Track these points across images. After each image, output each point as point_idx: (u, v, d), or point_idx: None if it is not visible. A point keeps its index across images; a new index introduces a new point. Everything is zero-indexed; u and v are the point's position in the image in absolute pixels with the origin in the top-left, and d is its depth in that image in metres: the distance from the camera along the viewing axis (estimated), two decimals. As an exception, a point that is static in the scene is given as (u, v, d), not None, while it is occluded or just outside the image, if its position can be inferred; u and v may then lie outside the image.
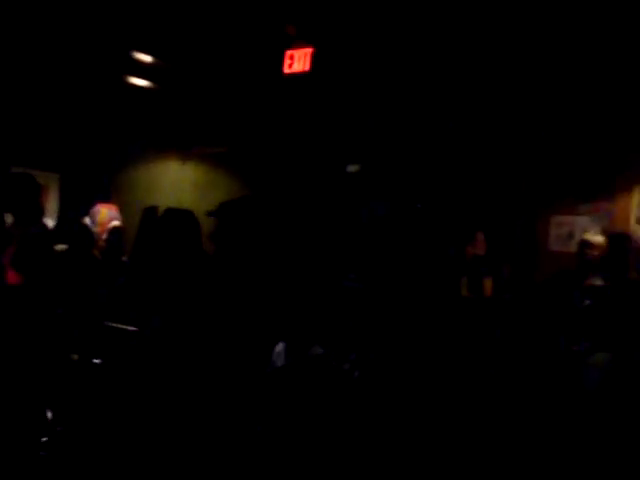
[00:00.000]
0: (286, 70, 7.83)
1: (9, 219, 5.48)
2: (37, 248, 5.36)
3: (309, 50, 7.62)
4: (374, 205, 8.61)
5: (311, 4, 7.25)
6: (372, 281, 5.52)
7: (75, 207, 7.93)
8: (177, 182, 10.53)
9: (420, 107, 8.19)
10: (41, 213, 5.70)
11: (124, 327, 4.80)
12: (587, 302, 6.38)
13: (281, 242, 5.78)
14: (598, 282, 6.48)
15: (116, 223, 6.65)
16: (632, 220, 7.84)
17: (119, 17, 7.75)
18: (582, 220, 8.09)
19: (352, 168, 8.84)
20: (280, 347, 4.36)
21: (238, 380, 4.34)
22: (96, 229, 6.50)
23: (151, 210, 7.61)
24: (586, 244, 6.68)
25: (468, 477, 4.99)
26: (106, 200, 7.34)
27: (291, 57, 7.78)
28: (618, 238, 6.89)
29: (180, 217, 5.21)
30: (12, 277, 5.13)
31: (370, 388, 4.26)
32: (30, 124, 9.45)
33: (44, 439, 4.65)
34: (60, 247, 5.96)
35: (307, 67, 7.62)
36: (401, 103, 8.22)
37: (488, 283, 7.44)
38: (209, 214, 5.07)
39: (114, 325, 4.88)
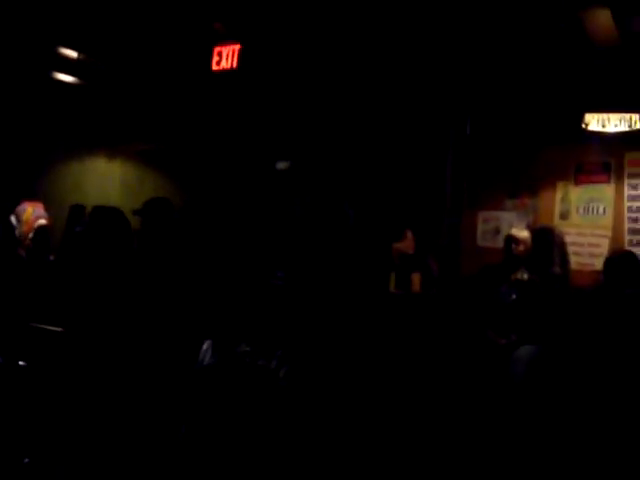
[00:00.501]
0: (214, 67, 7.78)
1: None
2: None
3: (237, 47, 7.59)
4: (305, 202, 8.64)
5: (239, 1, 7.23)
6: (298, 278, 5.53)
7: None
8: (105, 180, 10.43)
9: (347, 104, 8.23)
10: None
11: (50, 328, 4.73)
12: (513, 296, 6.50)
13: (207, 240, 5.77)
14: (524, 276, 6.61)
15: (42, 222, 6.53)
16: (556, 215, 8.04)
17: (44, 12, 7.62)
18: (508, 216, 8.25)
19: (281, 165, 8.86)
20: (207, 345, 4.35)
21: (164, 378, 4.32)
22: (22, 228, 6.37)
23: (78, 208, 7.53)
24: (512, 239, 6.81)
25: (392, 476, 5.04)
26: (31, 198, 7.20)
27: (219, 54, 7.74)
28: (542, 233, 7.04)
29: (108, 215, 5.16)
30: None
31: (296, 386, 4.27)
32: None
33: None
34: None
35: (234, 64, 7.59)
36: (329, 100, 8.25)
37: (416, 278, 7.52)
38: (135, 212, 5.04)
39: (40, 326, 4.80)
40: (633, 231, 7.62)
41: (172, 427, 4.17)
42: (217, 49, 7.76)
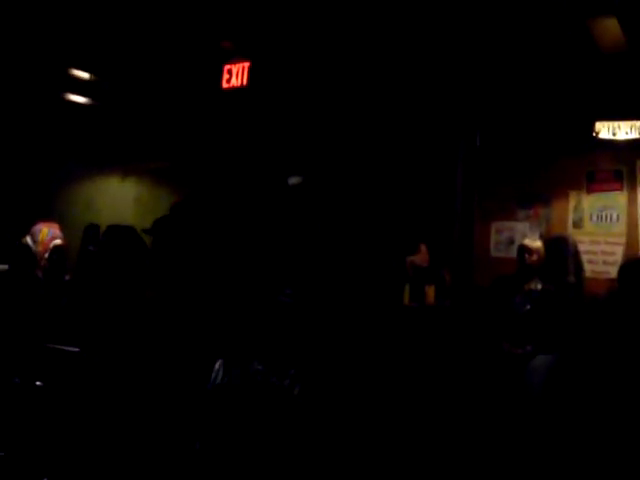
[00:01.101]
0: (224, 85, 7.82)
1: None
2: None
3: (246, 64, 7.63)
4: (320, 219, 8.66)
5: (248, 18, 7.27)
6: (307, 295, 5.54)
7: (15, 226, 7.82)
8: (119, 199, 10.48)
9: (357, 118, 8.25)
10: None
11: (66, 348, 4.75)
12: (527, 306, 6.49)
13: (217, 257, 5.79)
14: (538, 286, 6.60)
15: (58, 242, 6.57)
16: (569, 224, 8.02)
17: (55, 34, 7.69)
18: (521, 226, 8.24)
19: (293, 181, 8.88)
20: (218, 364, 4.37)
21: (178, 397, 4.34)
22: (37, 248, 6.40)
23: (92, 227, 7.57)
24: (525, 249, 6.80)
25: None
26: (47, 218, 7.24)
27: (229, 72, 7.78)
28: (556, 242, 7.03)
29: (122, 234, 5.19)
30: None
31: (310, 403, 4.28)
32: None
33: None
34: (0, 267, 5.89)
35: (244, 82, 7.63)
36: (339, 115, 8.28)
37: (430, 291, 7.53)
38: (145, 231, 5.08)
39: (56, 346, 4.83)
40: (647, 238, 7.60)
41: (186, 445, 4.19)
42: (227, 67, 7.81)
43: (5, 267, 5.87)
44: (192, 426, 4.23)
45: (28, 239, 6.52)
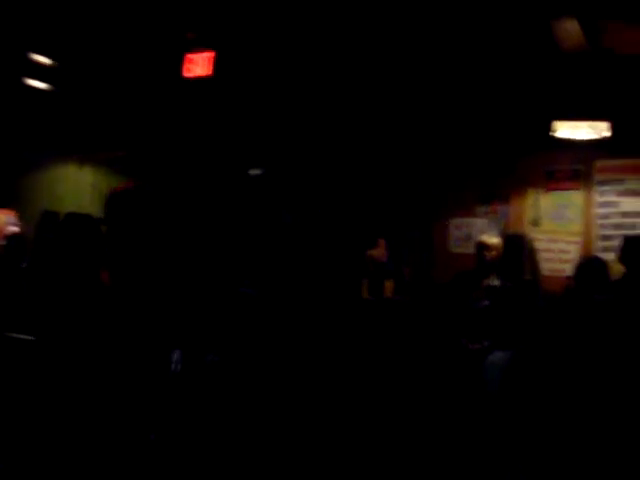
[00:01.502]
0: (185, 74, 7.77)
1: None
2: None
3: (210, 54, 7.58)
4: (283, 213, 8.66)
5: (211, 9, 7.22)
6: (268, 287, 5.54)
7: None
8: (77, 186, 10.38)
9: (322, 113, 8.26)
10: None
11: (22, 336, 4.71)
12: (485, 302, 6.54)
13: (175, 248, 5.76)
14: (495, 282, 6.66)
15: (14, 229, 6.49)
16: (527, 222, 8.11)
17: (15, 18, 7.59)
18: (480, 222, 8.31)
19: (254, 172, 8.86)
20: (176, 354, 4.36)
21: (134, 386, 4.32)
22: (-10, 235, 6.32)
23: (50, 215, 7.49)
24: (483, 246, 6.83)
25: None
26: (3, 206, 7.15)
27: (191, 61, 7.73)
28: (513, 240, 7.10)
29: (80, 222, 5.15)
30: None
31: (263, 394, 4.29)
32: None
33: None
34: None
35: (208, 71, 7.58)
36: (303, 106, 8.27)
37: (389, 285, 7.57)
38: (100, 221, 5.04)
39: (12, 335, 4.78)
40: (603, 237, 7.70)
41: (142, 434, 4.18)
42: (188, 56, 7.76)
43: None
44: (148, 416, 4.22)
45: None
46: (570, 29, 6.29)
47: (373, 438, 5.47)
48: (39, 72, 8.79)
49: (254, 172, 8.90)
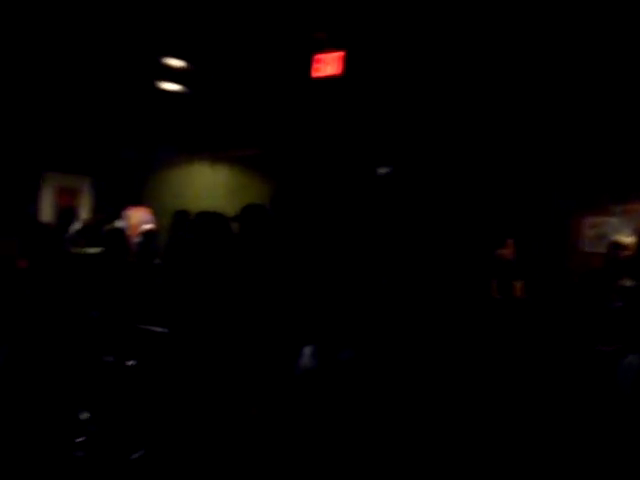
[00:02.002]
0: (314, 74, 7.84)
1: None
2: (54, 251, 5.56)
3: (340, 54, 7.62)
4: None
5: (342, 9, 7.25)
6: (404, 284, 5.52)
7: (107, 210, 8.00)
8: (209, 185, 10.60)
9: (452, 112, 8.18)
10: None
11: (156, 329, 4.85)
12: (618, 303, 6.34)
13: (309, 245, 5.80)
14: (629, 283, 6.44)
15: (149, 226, 6.71)
16: (665, 221, 7.81)
17: (148, 23, 7.81)
18: (614, 221, 8.06)
19: (383, 170, 8.85)
20: (309, 350, 4.38)
21: (264, 381, 4.37)
22: (128, 232, 6.55)
23: (182, 213, 7.68)
24: (617, 245, 6.63)
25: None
26: (138, 203, 7.39)
27: (320, 61, 7.79)
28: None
29: (211, 220, 5.25)
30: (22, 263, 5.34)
31: (399, 391, 4.27)
32: (63, 129, 9.56)
33: (79, 439, 4.69)
34: (93, 250, 6.03)
35: (338, 70, 7.62)
36: (432, 108, 8.22)
37: (518, 285, 7.45)
38: (232, 219, 5.12)
39: (147, 327, 4.93)
40: None
41: (270, 429, 4.22)
42: (317, 56, 7.82)
43: (98, 250, 6.00)
44: (279, 410, 4.26)
45: (120, 223, 6.69)
46: None
47: (503, 437, 5.39)
48: (172, 75, 9.04)
49: (383, 170, 8.89)
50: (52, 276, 5.26)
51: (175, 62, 8.68)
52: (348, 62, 7.58)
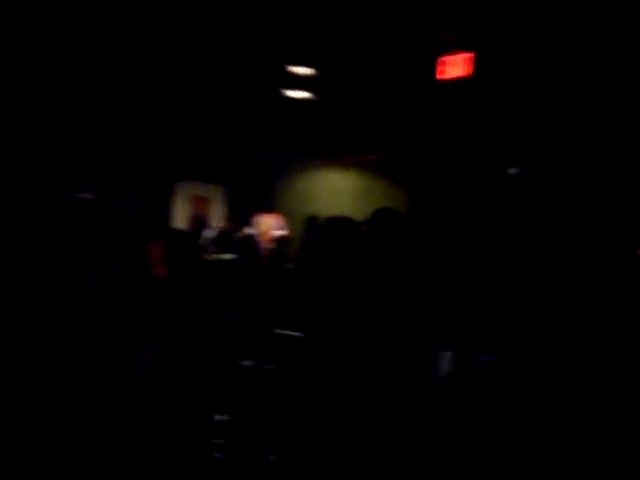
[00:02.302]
0: (439, 76, 7.78)
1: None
2: (191, 258, 5.71)
3: (468, 55, 7.54)
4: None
5: (469, 11, 7.18)
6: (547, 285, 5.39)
7: (239, 218, 8.17)
8: (338, 190, 10.67)
9: (589, 109, 7.97)
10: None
11: (293, 334, 4.92)
12: None
13: (444, 248, 5.75)
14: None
15: (280, 232, 6.83)
16: None
17: (273, 32, 7.94)
18: None
19: (513, 171, 8.69)
20: (447, 355, 4.35)
21: (402, 386, 4.37)
22: (259, 239, 6.68)
23: (312, 219, 7.79)
24: None
25: None
26: (269, 210, 7.54)
27: (445, 63, 7.73)
28: None
29: (342, 224, 5.29)
30: (160, 270, 5.51)
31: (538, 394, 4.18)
32: (194, 139, 9.84)
33: (218, 441, 4.81)
34: (227, 256, 6.19)
35: (468, 72, 7.54)
36: (564, 107, 8.03)
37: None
38: (363, 223, 5.14)
39: (283, 332, 5.01)
40: None
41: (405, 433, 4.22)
42: (442, 58, 7.76)
43: (232, 256, 6.15)
44: (416, 416, 4.25)
45: (252, 230, 6.84)
46: None
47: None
48: (299, 82, 9.16)
49: (513, 171, 8.73)
50: (191, 282, 5.42)
51: (302, 70, 8.79)
52: (478, 63, 7.50)
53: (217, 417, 4.87)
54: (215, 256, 6.29)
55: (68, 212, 6.19)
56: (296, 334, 4.89)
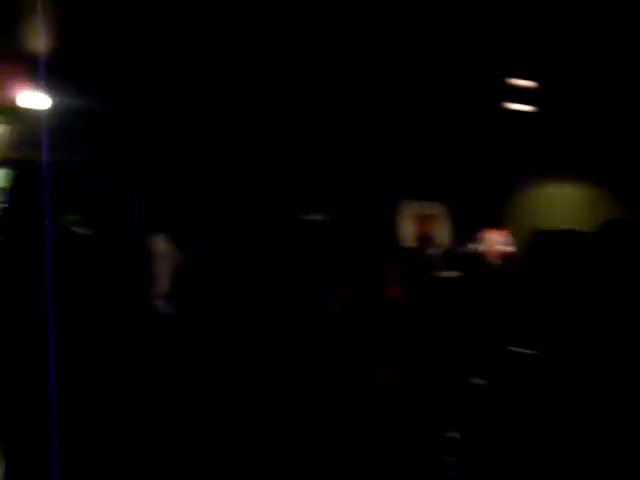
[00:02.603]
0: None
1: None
2: (424, 277, 5.72)
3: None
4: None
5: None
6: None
7: (464, 234, 8.14)
8: (564, 204, 10.39)
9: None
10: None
11: (525, 351, 4.85)
12: None
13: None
14: None
15: (506, 248, 6.73)
16: None
17: (492, 46, 7.88)
18: None
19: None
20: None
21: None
22: (487, 255, 6.62)
23: (540, 234, 7.63)
24: None
25: None
26: (494, 226, 7.45)
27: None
28: None
29: (570, 238, 5.18)
30: (394, 291, 5.55)
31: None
32: (418, 157, 9.92)
33: (450, 459, 4.80)
34: (451, 273, 6.18)
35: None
36: None
37: None
38: (595, 235, 4.99)
39: (516, 349, 4.94)
40: None
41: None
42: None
43: (456, 274, 6.14)
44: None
45: (477, 246, 6.79)
46: None
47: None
48: (519, 95, 9.04)
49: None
50: (426, 301, 5.47)
51: (520, 82, 8.67)
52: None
53: (449, 434, 4.86)
54: (445, 274, 6.30)
55: (299, 233, 6.42)
56: (529, 352, 4.81)
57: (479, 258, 6.36)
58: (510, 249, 6.70)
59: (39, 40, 6.85)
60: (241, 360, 5.77)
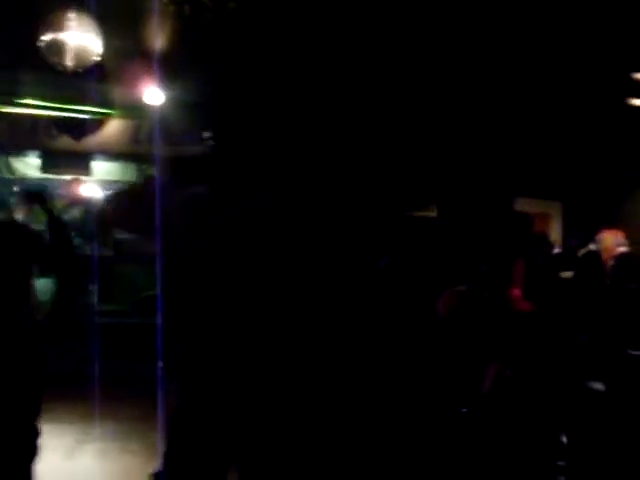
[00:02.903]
0: None
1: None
2: (544, 277, 5.60)
3: None
4: None
5: None
6: None
7: (579, 234, 7.97)
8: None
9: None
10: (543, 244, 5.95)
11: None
12: None
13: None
14: None
15: (623, 249, 6.57)
16: None
17: (617, 40, 7.71)
18: None
19: None
20: None
21: None
22: (603, 255, 6.47)
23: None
24: None
25: None
26: (612, 226, 7.26)
27: None
28: None
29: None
30: (525, 305, 5.45)
31: None
32: (532, 155, 9.75)
33: (561, 463, 4.71)
34: (566, 274, 6.07)
35: None
36: None
37: None
38: None
39: (636, 353, 4.82)
40: None
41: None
42: None
43: (571, 274, 6.04)
44: None
45: (594, 246, 6.63)
46: None
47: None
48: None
49: None
50: (548, 301, 5.38)
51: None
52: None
53: (563, 439, 4.78)
54: (563, 274, 6.20)
55: (412, 231, 6.40)
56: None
57: (595, 258, 6.21)
58: (626, 250, 6.53)
59: (164, 38, 7.07)
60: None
